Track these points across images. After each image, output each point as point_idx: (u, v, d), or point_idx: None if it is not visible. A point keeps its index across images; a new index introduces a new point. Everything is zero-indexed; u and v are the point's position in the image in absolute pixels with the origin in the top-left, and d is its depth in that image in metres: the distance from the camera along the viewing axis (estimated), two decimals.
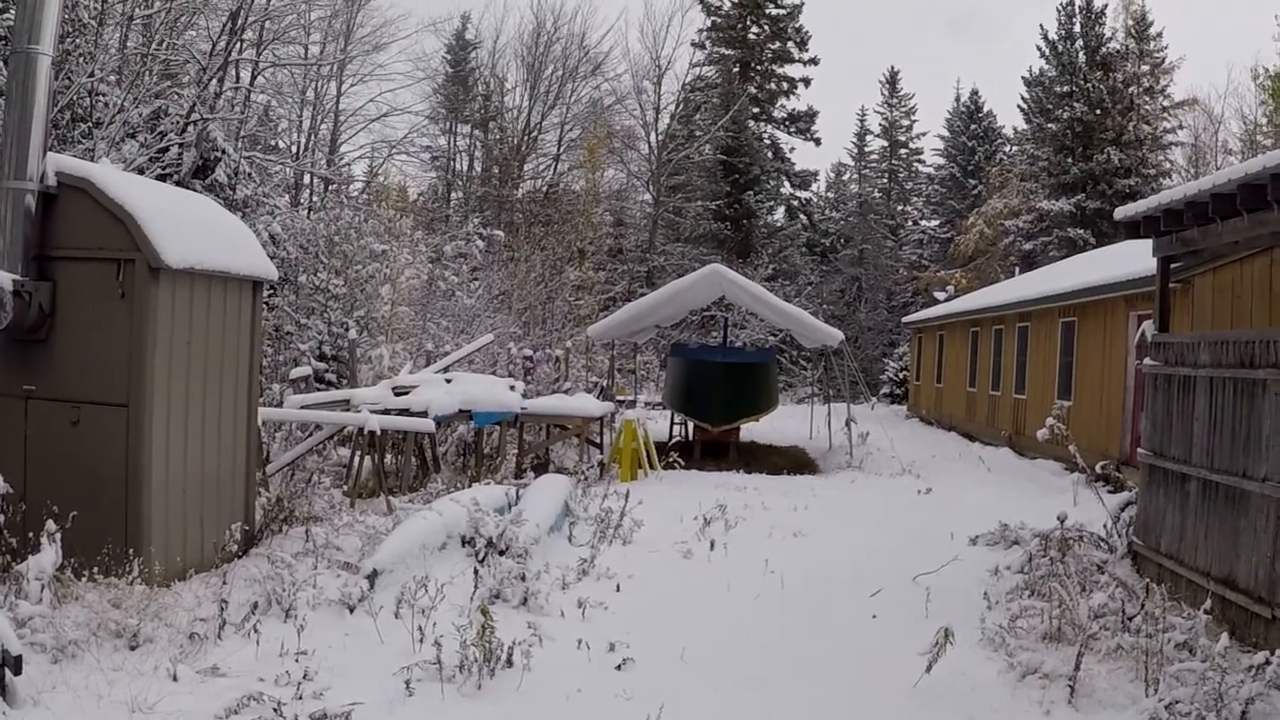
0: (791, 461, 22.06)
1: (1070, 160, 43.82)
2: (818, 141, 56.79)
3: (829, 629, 8.93)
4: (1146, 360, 10.78)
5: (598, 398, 20.64)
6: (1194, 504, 9.24)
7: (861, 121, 63.88)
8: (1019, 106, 51.38)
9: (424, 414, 14.58)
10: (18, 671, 6.03)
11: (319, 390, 17.26)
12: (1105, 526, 11.46)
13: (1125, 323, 17.74)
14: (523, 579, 9.13)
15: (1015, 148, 54.22)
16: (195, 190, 16.52)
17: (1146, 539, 10.32)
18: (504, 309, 29.61)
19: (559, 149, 51.26)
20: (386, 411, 14.28)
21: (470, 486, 12.94)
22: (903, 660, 7.64)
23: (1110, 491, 14.38)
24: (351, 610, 8.27)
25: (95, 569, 8.09)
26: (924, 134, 63.57)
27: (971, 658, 7.81)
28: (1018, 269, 41.86)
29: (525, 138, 50.55)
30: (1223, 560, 8.56)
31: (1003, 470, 20.28)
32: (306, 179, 37.08)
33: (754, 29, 55.89)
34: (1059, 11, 46.89)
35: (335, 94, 42.21)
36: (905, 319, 41.87)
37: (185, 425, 9.12)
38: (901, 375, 43.51)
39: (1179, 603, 8.68)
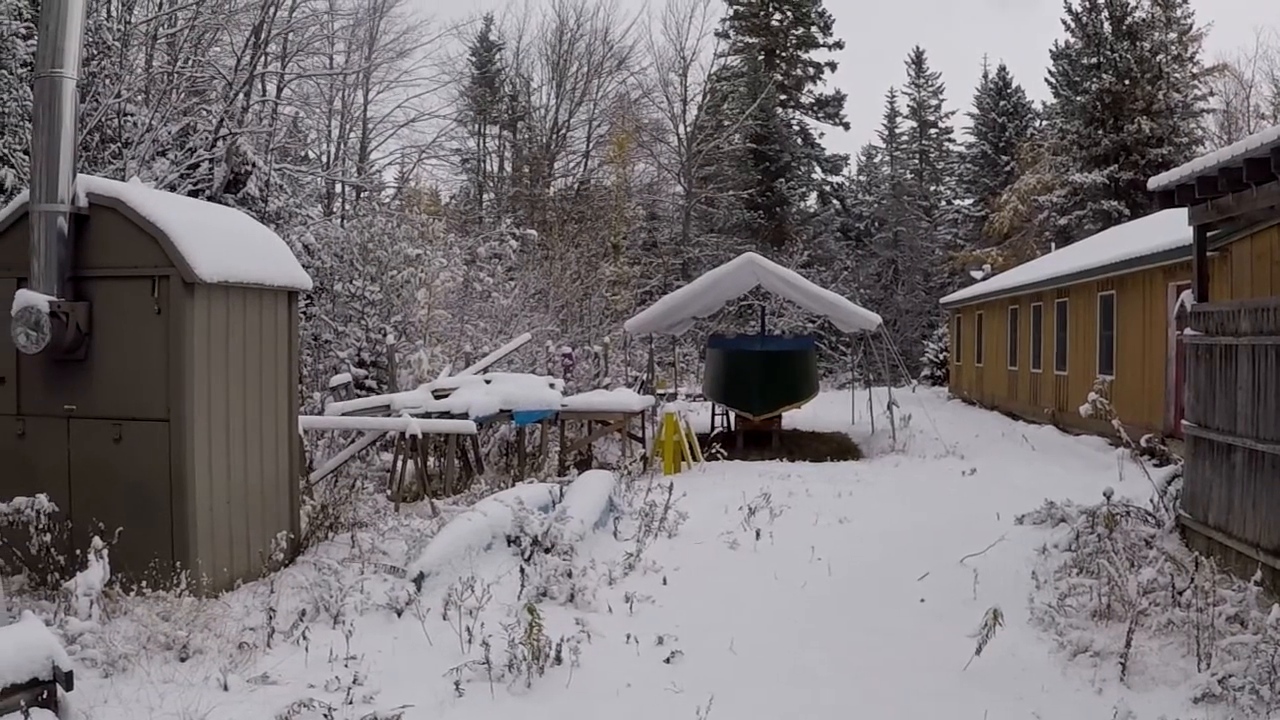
0: (834, 447, 21.99)
1: (1101, 132, 43.34)
2: (847, 126, 56.76)
3: (877, 614, 8.89)
4: (1187, 330, 10.66)
5: (638, 392, 20.65)
6: (1241, 474, 9.13)
7: (890, 103, 63.70)
8: (1046, 80, 51.06)
9: (465, 415, 14.62)
10: (69, 687, 6.10)
11: (359, 396, 17.32)
12: (1152, 501, 11.35)
13: (1164, 294, 17.56)
14: (569, 576, 9.12)
15: (1045, 122, 53.85)
16: (228, 204, 16.63)
17: (1194, 512, 10.21)
18: (541, 307, 29.63)
19: (588, 145, 51.31)
20: (427, 415, 14.35)
21: (514, 486, 12.98)
22: (952, 643, 7.61)
23: (1156, 465, 14.24)
24: (399, 614, 8.32)
25: (143, 583, 8.17)
26: (953, 113, 63.79)
27: (1021, 638, 7.77)
28: (1053, 244, 41.58)
29: (554, 136, 50.61)
30: (1272, 530, 8.45)
31: (1047, 448, 20.15)
32: (338, 188, 37.20)
33: (776, 15, 55.78)
34: None
35: (362, 102, 42.28)
36: (943, 300, 41.63)
37: (227, 437, 9.19)
38: (941, 356, 43.26)
39: (1229, 575, 8.58)
